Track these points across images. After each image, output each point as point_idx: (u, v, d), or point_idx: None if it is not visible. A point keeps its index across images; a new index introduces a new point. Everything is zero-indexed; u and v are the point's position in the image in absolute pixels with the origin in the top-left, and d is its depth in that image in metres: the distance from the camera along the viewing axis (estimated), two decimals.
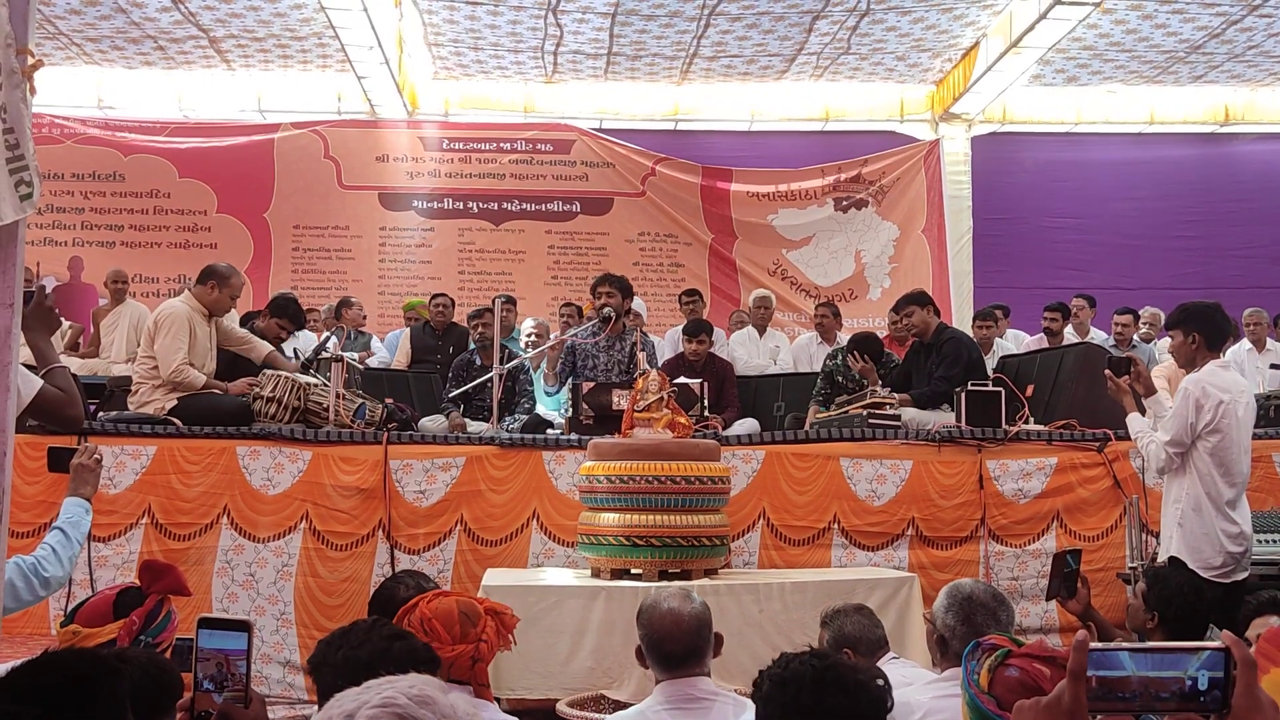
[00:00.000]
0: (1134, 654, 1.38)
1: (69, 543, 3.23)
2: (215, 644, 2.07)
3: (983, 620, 3.13)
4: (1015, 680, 2.14)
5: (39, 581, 3.12)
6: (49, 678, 1.77)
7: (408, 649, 2.35)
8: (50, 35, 10.84)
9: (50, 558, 3.16)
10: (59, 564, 3.17)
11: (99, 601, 2.94)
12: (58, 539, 3.22)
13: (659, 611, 3.17)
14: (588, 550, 5.23)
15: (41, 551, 3.17)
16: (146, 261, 11.91)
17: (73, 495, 3.38)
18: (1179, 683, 1.37)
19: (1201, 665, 1.36)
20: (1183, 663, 1.37)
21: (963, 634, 3.11)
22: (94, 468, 3.47)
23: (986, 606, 3.18)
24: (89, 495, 3.42)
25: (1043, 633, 5.87)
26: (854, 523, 5.95)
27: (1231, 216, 12.71)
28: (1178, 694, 1.36)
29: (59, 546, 3.20)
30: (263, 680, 5.58)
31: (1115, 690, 1.38)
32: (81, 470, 3.43)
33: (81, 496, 3.39)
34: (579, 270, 12.25)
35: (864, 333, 7.76)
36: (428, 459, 5.96)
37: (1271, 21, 10.52)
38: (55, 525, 3.27)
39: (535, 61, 11.73)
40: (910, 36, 11.01)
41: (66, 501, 3.37)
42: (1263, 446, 5.96)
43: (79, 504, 3.36)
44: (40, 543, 3.23)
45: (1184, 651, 1.38)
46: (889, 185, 12.44)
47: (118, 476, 5.84)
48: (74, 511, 3.33)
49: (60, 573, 3.18)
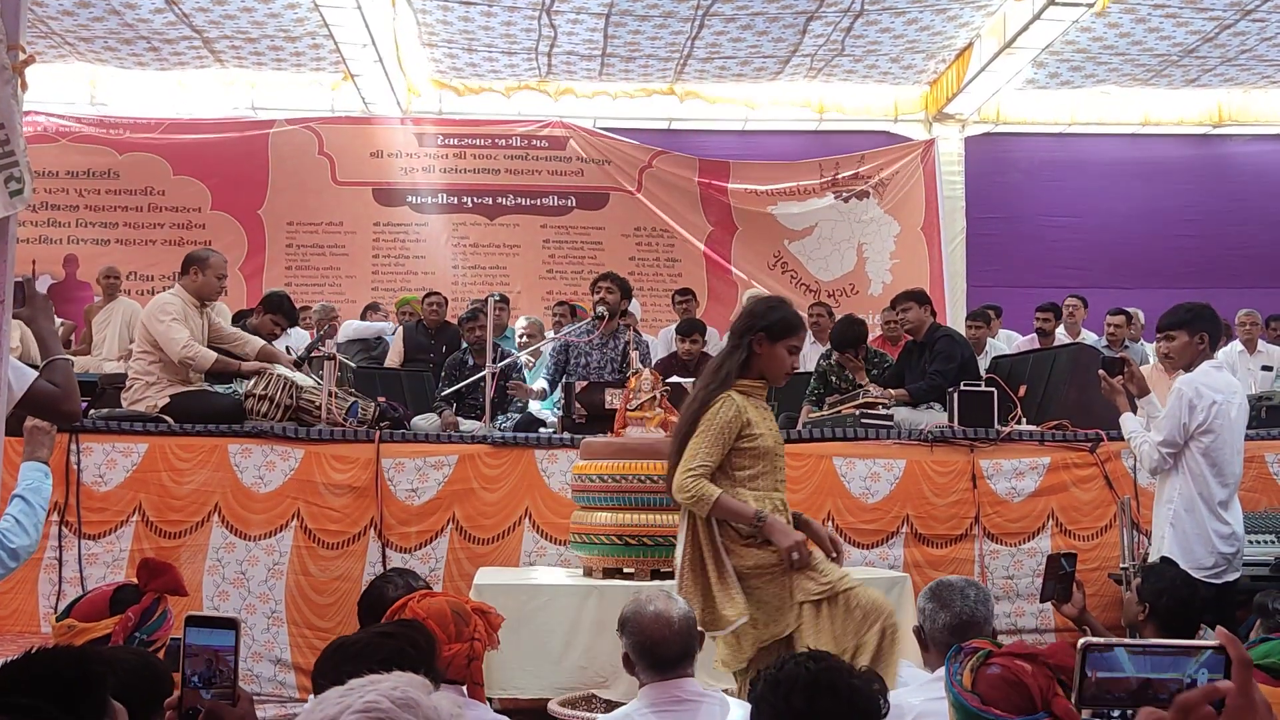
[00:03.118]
0: (1133, 655, 1.37)
1: (32, 510, 3.12)
2: (203, 641, 2.07)
3: (948, 596, 3.20)
4: (997, 677, 2.15)
5: (6, 553, 3.02)
6: (35, 675, 1.77)
7: (396, 649, 2.34)
8: (43, 34, 10.80)
9: (14, 528, 3.05)
10: (24, 533, 3.06)
11: (96, 597, 2.93)
12: (20, 508, 3.10)
13: (647, 615, 3.12)
14: (580, 549, 5.22)
15: (4, 523, 3.06)
16: (141, 259, 11.92)
17: (29, 460, 3.24)
18: (1178, 683, 1.36)
19: (1201, 665, 1.36)
20: (1182, 664, 1.37)
21: (931, 612, 3.20)
22: (48, 429, 3.31)
23: (954, 586, 3.24)
24: (46, 458, 3.27)
25: (1038, 633, 5.88)
26: (848, 520, 5.95)
27: (1225, 217, 12.74)
28: (1177, 694, 1.36)
29: (22, 515, 3.09)
30: (254, 678, 5.57)
31: (1113, 691, 1.38)
32: (36, 432, 3.29)
33: (39, 460, 3.25)
34: (574, 265, 12.25)
35: (844, 320, 7.71)
36: (420, 457, 5.95)
37: (1264, 26, 10.53)
38: (16, 494, 3.14)
39: (529, 63, 11.71)
40: (904, 38, 11.00)
41: (24, 467, 3.22)
42: (1255, 447, 5.97)
43: (37, 468, 3.23)
44: (3, 514, 3.10)
45: (1183, 652, 1.38)
46: (888, 180, 12.45)
47: (109, 474, 5.82)
48: (33, 477, 3.20)
49: (27, 541, 3.07)
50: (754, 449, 3.90)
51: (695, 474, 3.82)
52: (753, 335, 3.96)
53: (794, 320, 4.02)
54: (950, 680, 2.22)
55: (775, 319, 3.98)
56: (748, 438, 3.89)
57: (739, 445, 3.89)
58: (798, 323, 4.04)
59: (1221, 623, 4.01)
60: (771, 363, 3.99)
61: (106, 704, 1.79)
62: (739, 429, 3.87)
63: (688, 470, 3.84)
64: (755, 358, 3.97)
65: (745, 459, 3.91)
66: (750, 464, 3.91)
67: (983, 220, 12.55)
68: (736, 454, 3.90)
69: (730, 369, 3.98)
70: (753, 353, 3.96)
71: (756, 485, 3.91)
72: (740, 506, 3.82)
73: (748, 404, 3.94)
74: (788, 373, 4.08)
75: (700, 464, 3.83)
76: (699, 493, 3.80)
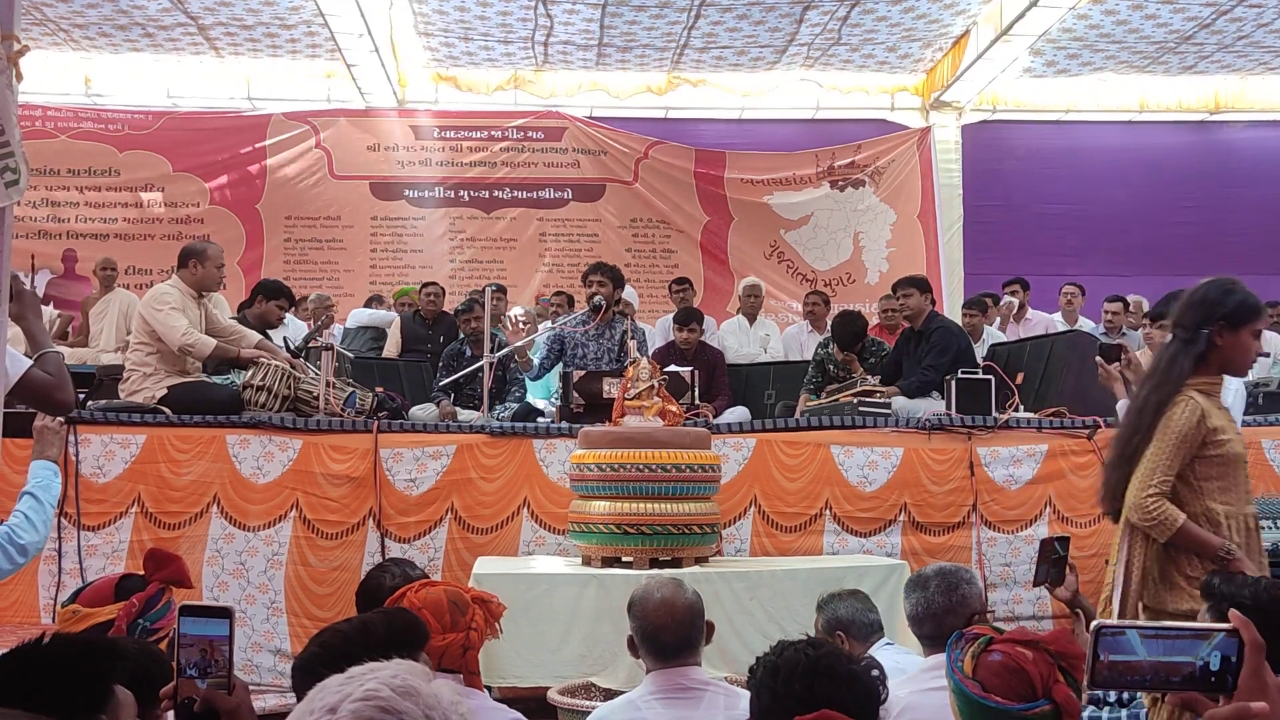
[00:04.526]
0: (1145, 638, 1.38)
1: (41, 507, 3.16)
2: (197, 631, 2.08)
3: (910, 588, 3.28)
4: (998, 664, 2.16)
5: (15, 549, 3.07)
6: (41, 664, 1.77)
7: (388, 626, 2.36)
8: (37, 21, 10.79)
9: (24, 524, 3.10)
10: (33, 529, 3.11)
11: (102, 584, 2.96)
12: (30, 504, 3.15)
13: (652, 602, 3.15)
14: (578, 538, 5.22)
15: (14, 519, 3.11)
16: (140, 254, 11.94)
17: (39, 458, 3.30)
18: (1190, 667, 1.37)
19: (1214, 648, 1.37)
20: (1194, 648, 1.38)
21: (914, 598, 3.29)
22: (57, 429, 3.38)
23: (920, 578, 3.31)
24: (55, 457, 3.33)
25: (1035, 619, 5.88)
26: (846, 509, 5.96)
27: (1223, 203, 12.74)
28: (1189, 676, 1.37)
29: (31, 512, 3.13)
30: (253, 669, 5.58)
31: (1126, 674, 1.38)
32: (45, 432, 3.34)
33: (48, 459, 3.30)
34: (570, 258, 12.25)
35: (842, 316, 7.69)
36: (418, 447, 5.94)
37: (1261, 12, 10.52)
38: (25, 491, 3.19)
39: (525, 52, 11.69)
40: (901, 26, 10.99)
41: (34, 465, 3.28)
42: (1252, 433, 5.97)
43: (46, 466, 3.28)
44: (12, 510, 3.15)
45: (1196, 635, 1.39)
46: (884, 168, 12.45)
47: (107, 465, 5.82)
48: (42, 475, 3.25)
49: (36, 538, 3.12)
50: (1222, 456, 3.56)
51: (1156, 493, 3.48)
52: (1212, 325, 3.54)
53: (1255, 302, 3.60)
54: (951, 667, 2.22)
55: (1235, 304, 3.56)
56: (1215, 443, 3.54)
57: (1205, 453, 3.54)
58: (1259, 303, 3.63)
59: None
60: (1236, 353, 3.60)
61: (112, 694, 1.79)
62: (1204, 435, 3.53)
63: (1148, 488, 3.49)
64: (1215, 350, 3.56)
65: (1213, 468, 3.56)
66: (1219, 473, 3.56)
67: (980, 208, 12.55)
68: (1203, 462, 3.55)
69: (1184, 365, 3.58)
70: (1213, 345, 3.55)
71: (1228, 499, 3.56)
72: (1207, 537, 3.46)
73: (1210, 405, 3.58)
74: (1252, 361, 3.71)
75: (1161, 479, 3.49)
76: (1161, 516, 3.47)
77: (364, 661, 1.36)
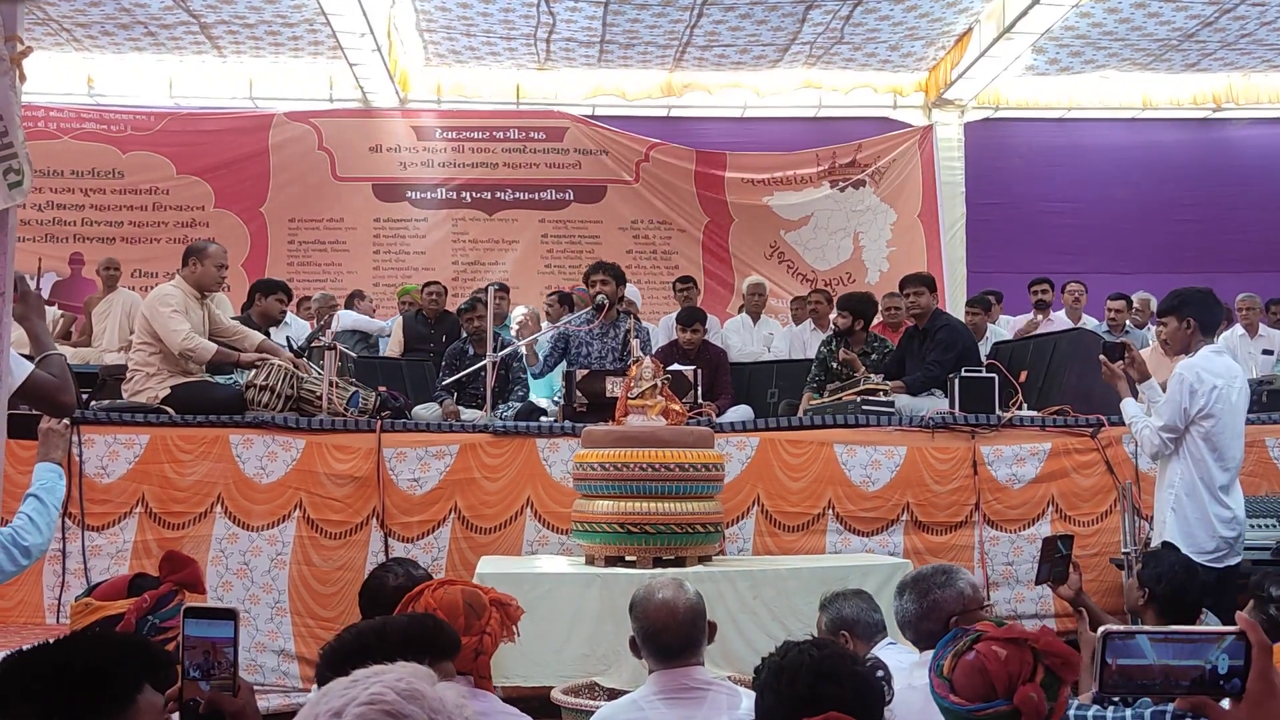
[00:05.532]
0: (1154, 642, 1.38)
1: (46, 509, 3.17)
2: (201, 633, 2.07)
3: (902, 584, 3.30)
4: (969, 664, 2.11)
5: (19, 551, 3.07)
6: (57, 664, 1.77)
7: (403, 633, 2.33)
8: (40, 21, 10.80)
9: (28, 526, 3.11)
10: (37, 531, 3.12)
11: (116, 580, 2.96)
12: (34, 506, 3.16)
13: (653, 603, 3.14)
14: (582, 538, 5.22)
15: (19, 521, 3.12)
16: (145, 257, 11.97)
17: (43, 460, 3.30)
18: (1199, 670, 1.37)
19: (1222, 651, 1.37)
20: (1203, 651, 1.38)
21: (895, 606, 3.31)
22: (62, 431, 3.38)
23: (913, 577, 3.33)
24: (59, 459, 3.34)
25: (1038, 618, 5.87)
26: (849, 508, 5.95)
27: (1226, 200, 12.73)
28: (1198, 680, 1.37)
29: (35, 514, 3.14)
30: (257, 669, 5.58)
31: (1136, 678, 1.38)
32: (50, 435, 3.35)
33: (53, 461, 3.31)
34: (572, 259, 12.26)
35: (857, 294, 7.71)
36: (421, 447, 5.94)
37: (1264, 10, 10.51)
38: (30, 493, 3.20)
39: (528, 49, 11.70)
40: (904, 25, 10.99)
41: (38, 467, 3.29)
42: (1256, 431, 5.97)
43: (51, 469, 3.29)
44: (17, 512, 3.16)
45: (1204, 639, 1.39)
46: (885, 168, 12.45)
47: (111, 466, 5.82)
48: (47, 477, 3.25)
49: (40, 540, 3.13)
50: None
51: None
52: None
53: None
54: (931, 666, 2.20)
55: None
56: None
57: None
58: None
59: (1222, 607, 4.01)
60: None
61: (132, 700, 1.78)
62: None
63: None
64: None
65: None
66: None
67: (982, 206, 12.54)
68: None
69: None
70: None
71: None
72: None
73: None
74: None
75: None
76: None
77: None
